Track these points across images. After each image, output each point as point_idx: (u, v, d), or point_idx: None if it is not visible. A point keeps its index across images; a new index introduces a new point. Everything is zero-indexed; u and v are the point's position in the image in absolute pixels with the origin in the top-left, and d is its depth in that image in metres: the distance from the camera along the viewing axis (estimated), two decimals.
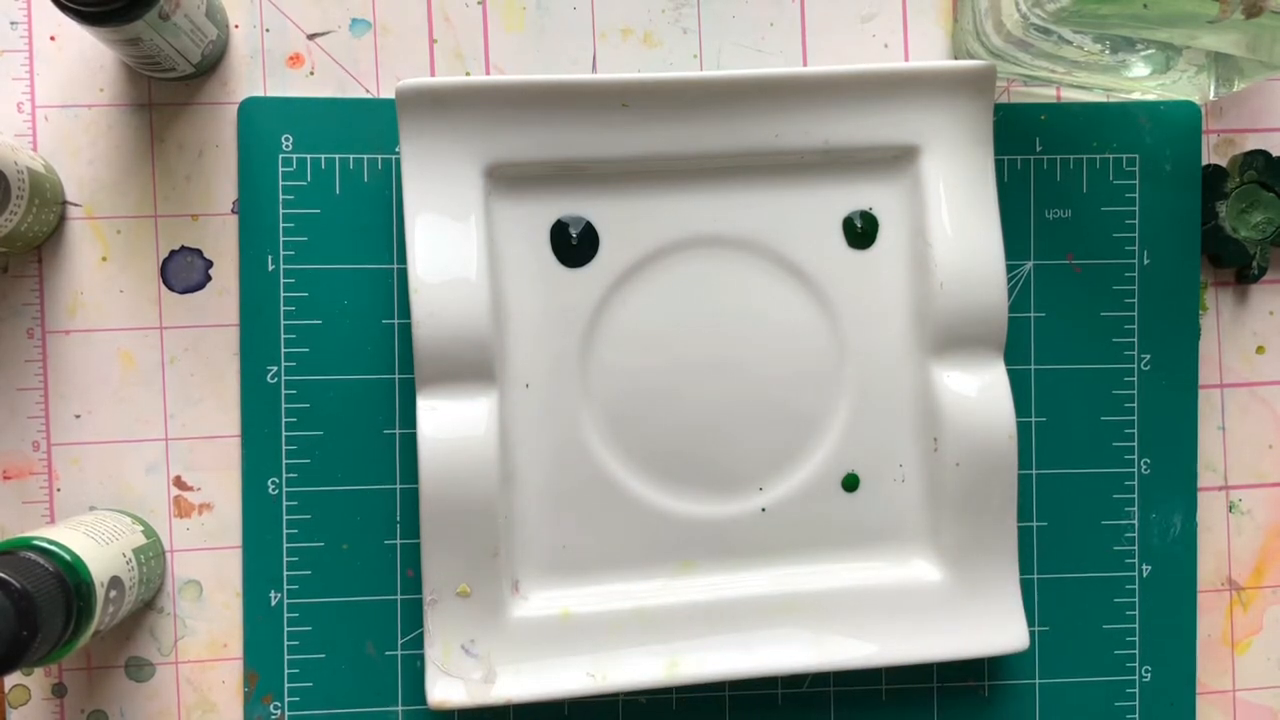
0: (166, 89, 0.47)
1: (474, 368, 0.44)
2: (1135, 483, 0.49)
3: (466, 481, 0.43)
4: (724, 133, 0.45)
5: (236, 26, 0.47)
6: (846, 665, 0.45)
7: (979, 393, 0.45)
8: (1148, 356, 0.49)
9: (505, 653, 0.44)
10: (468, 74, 0.48)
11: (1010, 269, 0.48)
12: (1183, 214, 0.49)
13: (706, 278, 0.46)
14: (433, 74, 0.48)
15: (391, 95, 0.46)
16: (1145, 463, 0.49)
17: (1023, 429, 0.48)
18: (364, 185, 0.47)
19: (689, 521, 0.46)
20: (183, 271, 0.47)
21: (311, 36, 0.47)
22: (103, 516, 0.44)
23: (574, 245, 0.46)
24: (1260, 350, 0.50)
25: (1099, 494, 0.49)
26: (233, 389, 0.47)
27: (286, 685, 0.46)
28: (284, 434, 0.46)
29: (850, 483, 0.47)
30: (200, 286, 0.47)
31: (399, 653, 0.47)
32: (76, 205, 0.47)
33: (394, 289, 0.47)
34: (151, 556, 0.45)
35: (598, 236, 0.46)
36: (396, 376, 0.47)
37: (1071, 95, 0.49)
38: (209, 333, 0.47)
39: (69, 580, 0.38)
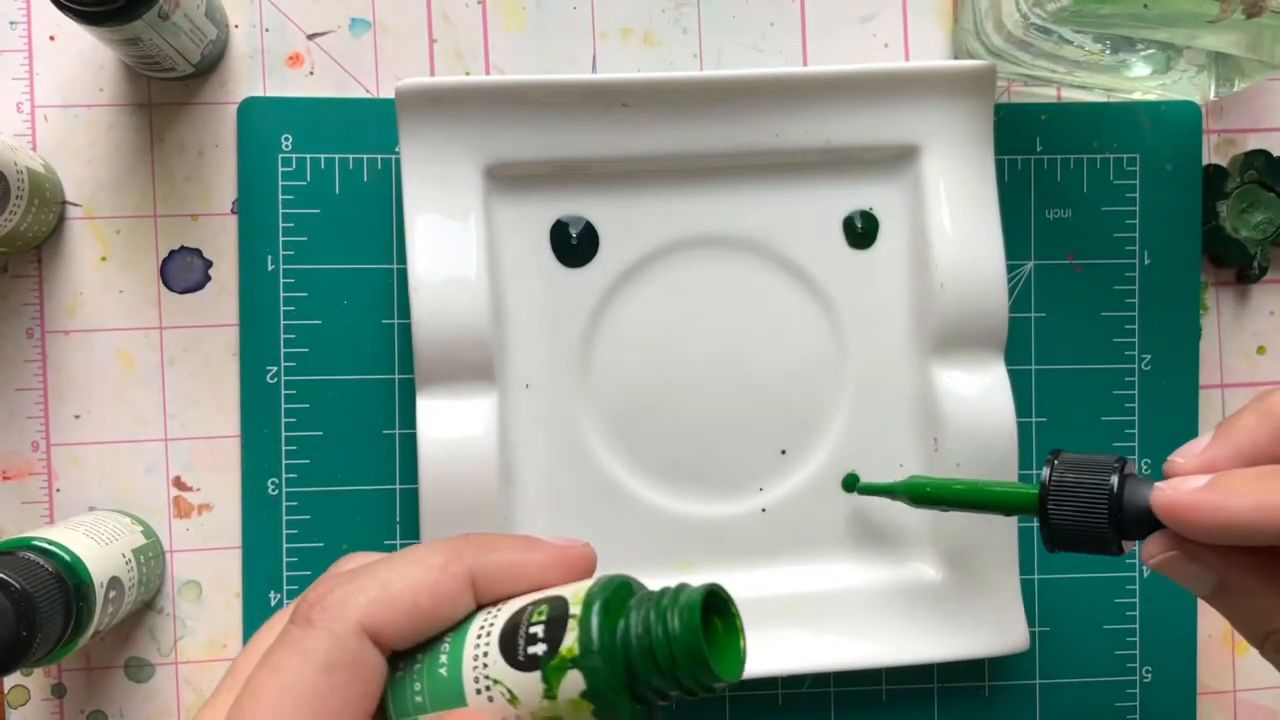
0: (166, 89, 0.47)
1: (474, 368, 0.44)
2: None
3: (466, 482, 0.43)
4: (724, 133, 0.45)
5: (236, 26, 0.47)
6: (846, 665, 0.45)
7: (979, 393, 0.45)
8: (1148, 357, 0.49)
9: None
10: (467, 74, 0.48)
11: (1011, 269, 0.48)
12: (1183, 214, 0.49)
13: (706, 278, 0.46)
14: (432, 74, 0.48)
15: (391, 95, 0.46)
16: (1146, 463, 0.49)
17: (1023, 429, 0.48)
18: (364, 185, 0.47)
19: (689, 522, 0.46)
20: (182, 271, 0.47)
21: (311, 36, 0.47)
22: (102, 517, 0.44)
23: (574, 245, 0.46)
24: (1261, 350, 0.50)
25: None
26: (232, 389, 0.47)
27: None
28: (283, 434, 0.46)
29: (850, 483, 0.47)
30: (200, 286, 0.47)
31: None
32: (76, 205, 0.47)
33: (394, 289, 0.47)
34: (151, 557, 0.45)
35: (598, 236, 0.46)
36: (396, 376, 0.47)
37: (1072, 95, 0.49)
38: (208, 333, 0.47)
39: (68, 580, 0.38)
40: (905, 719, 0.48)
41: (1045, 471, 0.35)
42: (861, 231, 0.47)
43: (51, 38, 0.46)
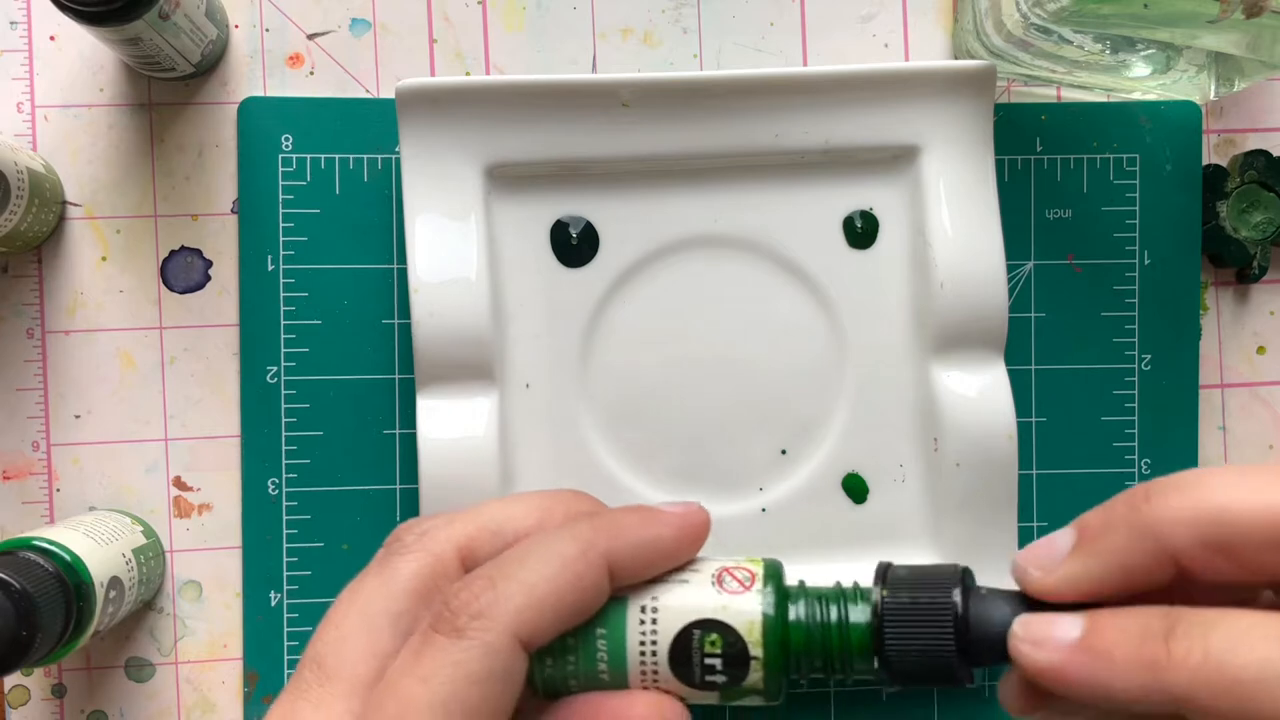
0: (166, 89, 0.47)
1: (474, 368, 0.44)
2: (1136, 483, 0.49)
3: (466, 481, 0.43)
4: (724, 133, 0.45)
5: (236, 26, 0.47)
6: None
7: (979, 393, 0.45)
8: (1148, 356, 0.49)
9: None
10: (468, 74, 0.48)
11: (1011, 269, 0.48)
12: (1183, 214, 0.49)
13: (706, 278, 0.46)
14: (433, 74, 0.48)
15: (391, 95, 0.46)
16: (1145, 463, 0.49)
17: (1023, 429, 0.48)
18: (364, 185, 0.47)
19: None
20: (182, 271, 0.47)
21: (311, 36, 0.47)
22: (102, 517, 0.44)
23: (574, 245, 0.46)
24: (1261, 350, 0.50)
25: (1099, 494, 0.48)
26: (232, 389, 0.47)
27: None
28: (284, 434, 0.46)
29: (851, 483, 0.47)
30: (200, 286, 0.47)
31: None
32: (76, 205, 0.47)
33: (394, 289, 0.47)
34: (151, 557, 0.45)
35: (598, 236, 0.46)
36: (396, 376, 0.47)
37: (1072, 95, 0.49)
38: (209, 333, 0.47)
39: (69, 580, 0.38)
40: (905, 719, 0.48)
41: (875, 593, 0.29)
42: (861, 231, 0.47)
43: (51, 38, 0.46)
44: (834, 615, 0.28)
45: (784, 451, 0.47)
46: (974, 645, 0.28)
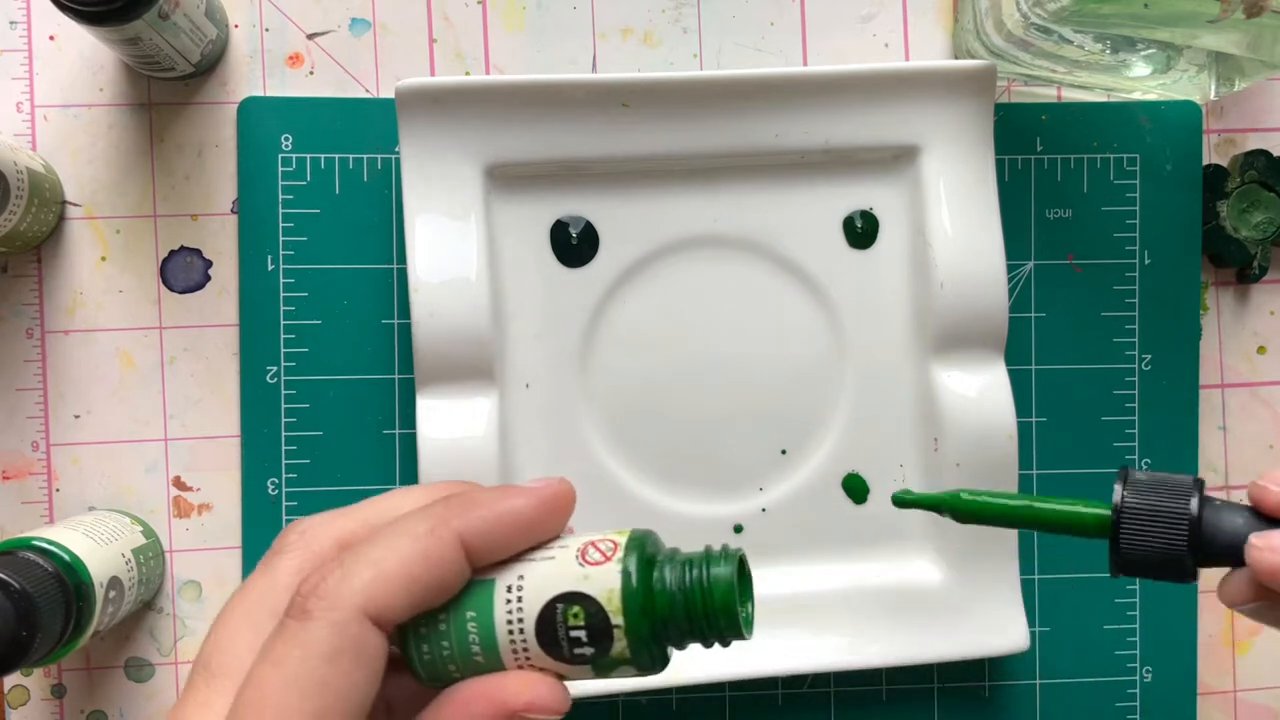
0: (166, 89, 0.47)
1: (474, 368, 0.44)
2: None
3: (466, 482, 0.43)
4: (724, 133, 0.45)
5: (236, 26, 0.47)
6: (847, 666, 0.45)
7: (979, 393, 0.45)
8: (1148, 356, 0.49)
9: None
10: (467, 74, 0.48)
11: (1011, 269, 0.48)
12: (1183, 214, 0.49)
13: (706, 278, 0.46)
14: (432, 74, 0.48)
15: (391, 95, 0.46)
16: (1146, 463, 0.49)
17: (1023, 429, 0.48)
18: (364, 185, 0.47)
19: (689, 521, 0.46)
20: (182, 271, 0.47)
21: (311, 36, 0.47)
22: (102, 517, 0.44)
23: (574, 245, 0.46)
24: (1261, 350, 0.50)
25: (1099, 494, 0.48)
26: (232, 389, 0.47)
27: None
28: (284, 434, 0.46)
29: (851, 483, 0.47)
30: (200, 286, 0.47)
31: None
32: (76, 205, 0.47)
33: (394, 289, 0.47)
34: (151, 557, 0.45)
35: (598, 236, 0.46)
36: (396, 376, 0.47)
37: (1072, 95, 0.49)
38: (208, 333, 0.47)
39: (68, 580, 0.38)
40: (905, 719, 0.48)
41: (1117, 491, 0.33)
42: (861, 231, 0.47)
43: (51, 38, 0.46)
44: (696, 576, 0.28)
45: (784, 451, 0.47)
46: (1206, 548, 0.32)
